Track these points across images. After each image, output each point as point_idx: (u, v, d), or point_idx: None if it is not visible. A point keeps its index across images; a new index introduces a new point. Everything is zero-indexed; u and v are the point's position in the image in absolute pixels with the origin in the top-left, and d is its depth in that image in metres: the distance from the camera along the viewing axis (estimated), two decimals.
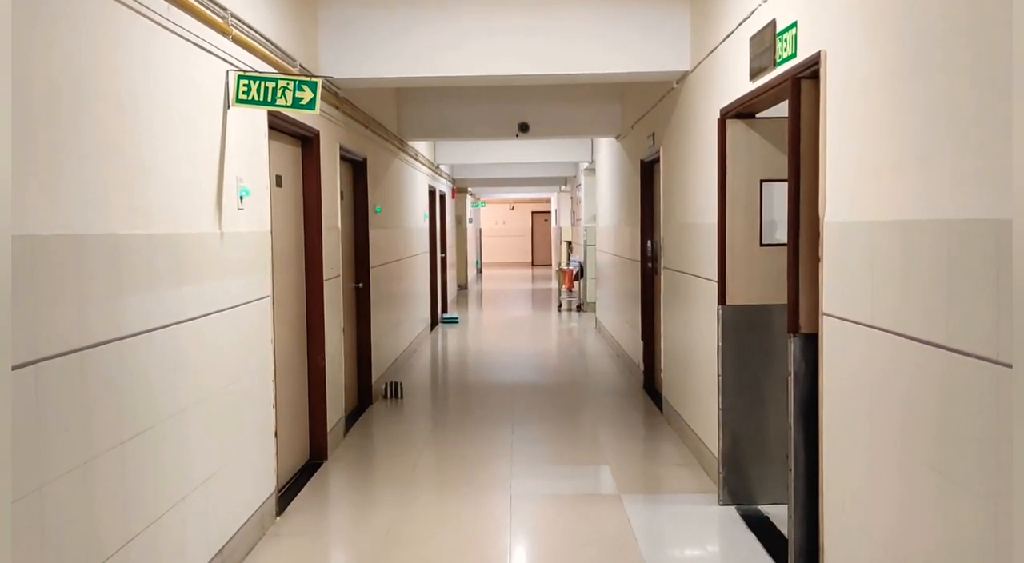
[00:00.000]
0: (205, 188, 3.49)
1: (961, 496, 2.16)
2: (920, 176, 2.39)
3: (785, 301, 4.34)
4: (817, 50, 3.12)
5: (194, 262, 3.35)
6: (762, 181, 4.45)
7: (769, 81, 3.72)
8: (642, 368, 7.79)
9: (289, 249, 5.07)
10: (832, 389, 3.04)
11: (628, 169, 8.58)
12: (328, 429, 5.56)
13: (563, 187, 19.79)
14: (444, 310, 14.02)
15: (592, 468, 5.33)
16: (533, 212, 32.05)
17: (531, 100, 9.00)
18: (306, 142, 5.35)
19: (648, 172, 7.58)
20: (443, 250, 14.16)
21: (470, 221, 21.99)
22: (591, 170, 13.39)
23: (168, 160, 3.12)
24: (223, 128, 3.71)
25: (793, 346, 3.31)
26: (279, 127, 4.74)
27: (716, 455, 4.72)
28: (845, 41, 2.93)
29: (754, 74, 3.97)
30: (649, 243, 7.59)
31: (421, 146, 11.01)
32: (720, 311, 4.48)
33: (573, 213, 17.87)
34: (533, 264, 31.87)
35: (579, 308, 15.09)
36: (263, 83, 3.72)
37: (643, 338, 7.72)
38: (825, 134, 3.08)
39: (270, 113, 4.36)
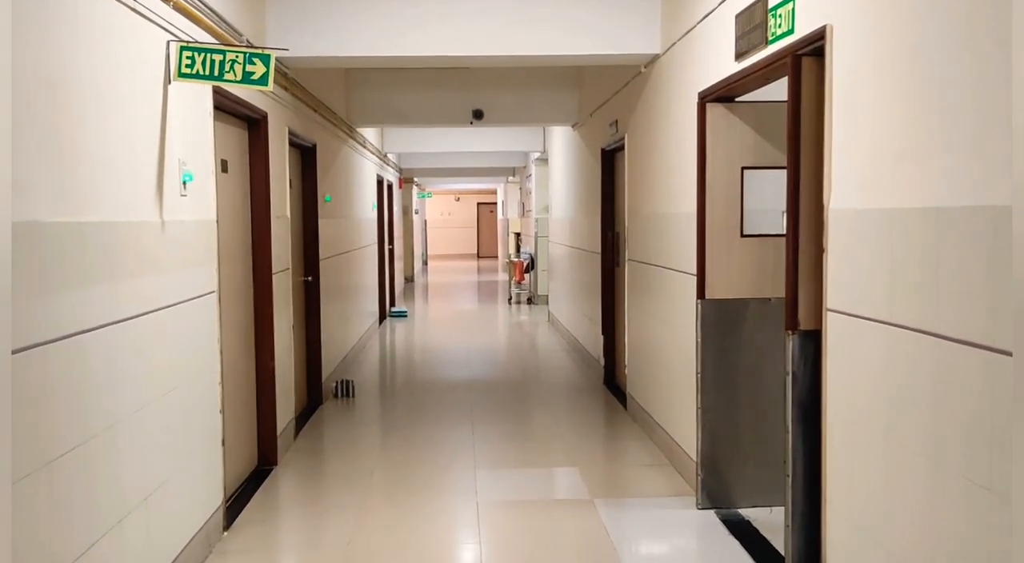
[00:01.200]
0: (143, 172, 3.12)
1: (1011, 512, 1.94)
2: (953, 160, 2.16)
3: (769, 295, 4.15)
4: (821, 24, 2.89)
5: (131, 254, 2.98)
6: (743, 168, 4.23)
7: (759, 61, 3.48)
8: (602, 363, 7.57)
9: (236, 240, 4.69)
10: (838, 391, 2.82)
11: (587, 158, 8.34)
12: (278, 433, 5.20)
13: (511, 178, 19.52)
14: (392, 303, 13.64)
15: (560, 470, 5.07)
16: (479, 203, 31.73)
17: (485, 87, 8.70)
18: (253, 125, 4.96)
19: (609, 161, 7.34)
20: (391, 241, 13.77)
21: (416, 212, 21.58)
22: (543, 160, 13.14)
23: (101, 139, 2.75)
24: (163, 105, 3.33)
25: (791, 344, 3.08)
26: (224, 107, 4.36)
27: (692, 456, 4.50)
28: (853, 14, 2.70)
29: (740, 54, 3.73)
30: (610, 234, 7.36)
31: (369, 133, 10.61)
32: (699, 305, 4.25)
33: (523, 204, 17.61)
34: (479, 256, 31.56)
35: (530, 301, 14.85)
36: (209, 55, 3.35)
37: (604, 332, 7.49)
38: (831, 116, 2.85)
39: (216, 91, 3.98)
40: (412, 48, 5.18)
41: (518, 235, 18.39)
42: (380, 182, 12.06)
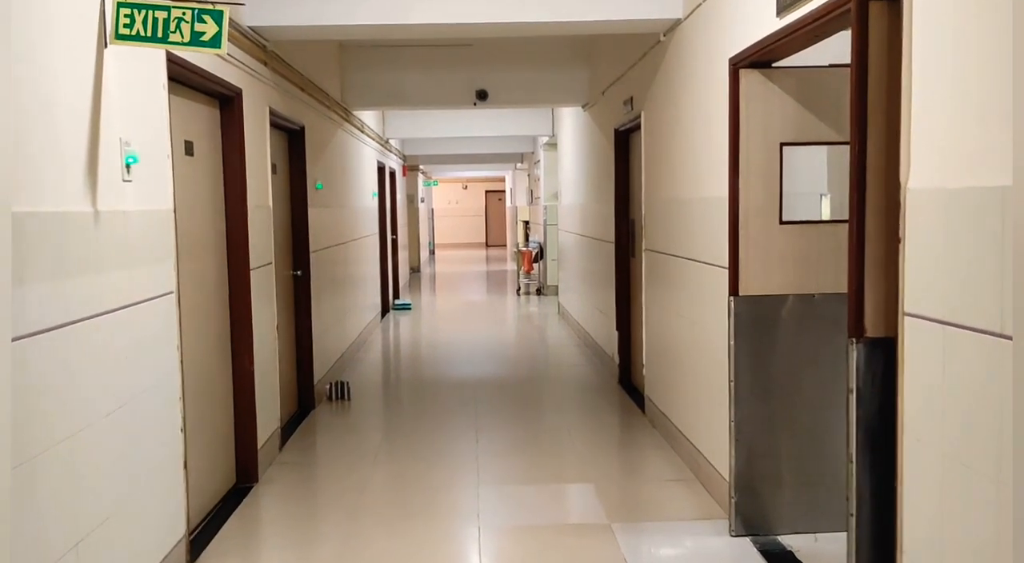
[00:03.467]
0: (68, 152, 2.58)
1: None
2: None
3: (812, 290, 3.60)
4: None
5: (47, 252, 2.44)
6: (782, 145, 3.67)
7: (810, 13, 2.91)
8: (617, 361, 7.02)
9: (205, 232, 4.16)
10: (918, 415, 2.27)
11: (598, 140, 7.77)
12: (259, 445, 4.68)
13: (519, 164, 18.95)
14: (396, 295, 13.11)
15: (573, 487, 4.53)
16: (487, 191, 31.16)
17: (490, 65, 8.13)
18: (226, 103, 4.42)
19: (623, 142, 6.77)
20: (394, 231, 13.23)
21: (422, 200, 21.03)
22: (552, 145, 12.57)
23: (8, 113, 2.21)
24: (98, 73, 2.79)
25: (856, 355, 2.53)
26: (187, 81, 3.82)
27: (722, 473, 3.96)
28: None
29: (783, 8, 3.16)
30: (624, 222, 6.80)
31: (368, 118, 10.06)
32: (732, 303, 3.70)
33: (531, 191, 17.06)
34: (487, 245, 31.02)
35: (539, 291, 14.30)
36: (151, 12, 2.80)
37: (618, 328, 6.94)
38: (910, 72, 2.29)
39: (171, 61, 3.44)
40: (404, 16, 4.63)
41: (527, 223, 17.83)
42: (381, 169, 11.51)
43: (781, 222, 3.68)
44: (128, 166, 2.99)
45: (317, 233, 6.57)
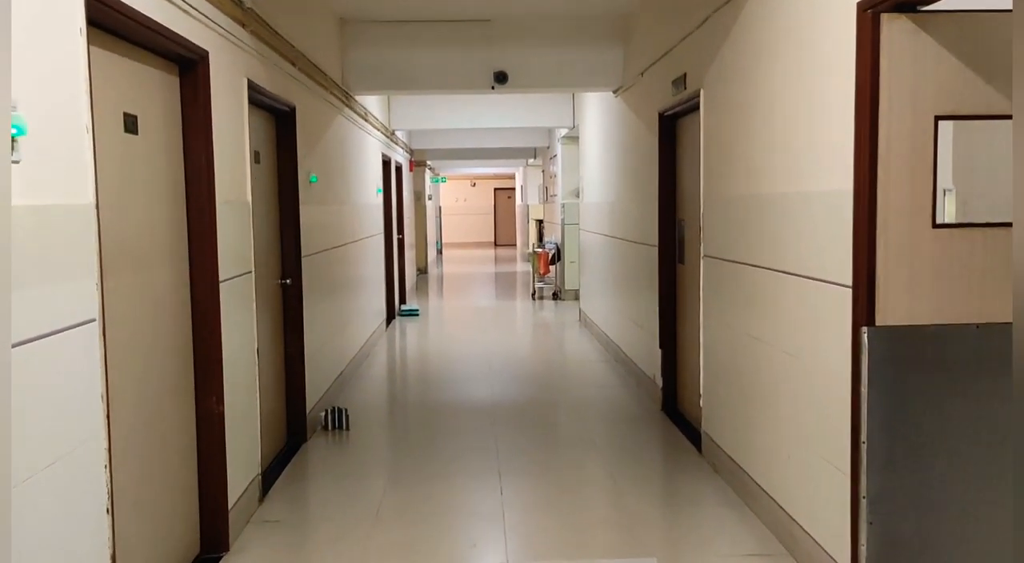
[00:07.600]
0: None
1: None
2: None
3: (975, 318, 2.61)
4: None
5: None
6: (938, 119, 2.68)
7: None
8: (660, 384, 6.03)
9: (156, 235, 3.18)
10: None
11: (635, 129, 6.77)
12: (231, 504, 3.71)
13: (531, 160, 17.96)
14: (403, 300, 12.13)
15: None
16: (496, 188, 30.18)
17: (510, 44, 7.15)
18: (188, 67, 3.44)
19: (669, 130, 5.79)
20: (400, 230, 12.24)
21: (429, 198, 20.05)
22: (571, 138, 11.60)
23: None
24: None
25: None
26: (125, 32, 2.84)
27: (836, 558, 2.98)
28: None
29: None
30: (670, 223, 5.81)
31: (372, 105, 9.08)
32: (866, 336, 2.70)
33: (545, 188, 16.08)
34: (496, 244, 30.03)
35: (555, 296, 13.31)
36: None
37: (662, 346, 5.95)
38: None
39: (102, 1, 2.46)
40: None
41: (540, 222, 16.86)
42: (387, 163, 10.53)
43: (935, 225, 2.69)
44: (14, 140, 2.02)
45: (311, 234, 5.60)
